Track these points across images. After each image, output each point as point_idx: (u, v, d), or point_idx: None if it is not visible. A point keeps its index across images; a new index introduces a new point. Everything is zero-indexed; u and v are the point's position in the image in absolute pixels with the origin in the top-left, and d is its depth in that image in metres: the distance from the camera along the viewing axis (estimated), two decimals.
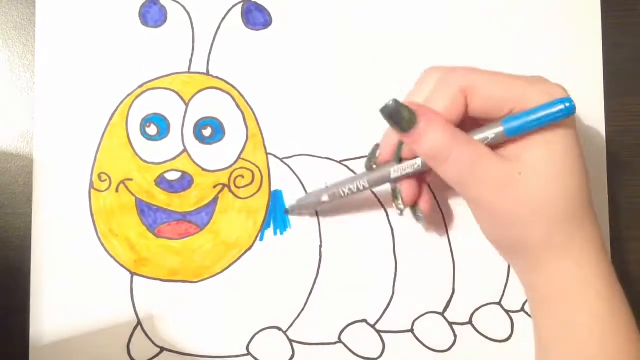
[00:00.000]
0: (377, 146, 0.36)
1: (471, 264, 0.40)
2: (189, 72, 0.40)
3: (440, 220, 0.40)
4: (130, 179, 0.39)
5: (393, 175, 0.35)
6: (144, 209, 0.39)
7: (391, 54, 0.41)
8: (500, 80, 0.32)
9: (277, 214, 0.40)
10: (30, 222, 0.39)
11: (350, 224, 0.40)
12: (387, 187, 0.39)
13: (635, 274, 0.41)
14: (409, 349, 0.40)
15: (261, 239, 0.40)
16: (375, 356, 0.40)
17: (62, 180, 0.39)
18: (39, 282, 0.39)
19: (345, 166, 0.40)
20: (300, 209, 0.39)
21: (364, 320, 0.40)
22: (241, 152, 0.40)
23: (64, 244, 0.39)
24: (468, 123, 0.33)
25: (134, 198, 0.39)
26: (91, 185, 0.39)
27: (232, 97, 0.40)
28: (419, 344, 0.40)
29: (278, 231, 0.40)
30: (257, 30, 0.41)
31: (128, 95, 0.40)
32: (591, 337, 0.32)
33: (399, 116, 0.32)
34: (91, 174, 0.39)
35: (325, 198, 0.37)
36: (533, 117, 0.31)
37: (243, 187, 0.40)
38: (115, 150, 0.40)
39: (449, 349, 0.40)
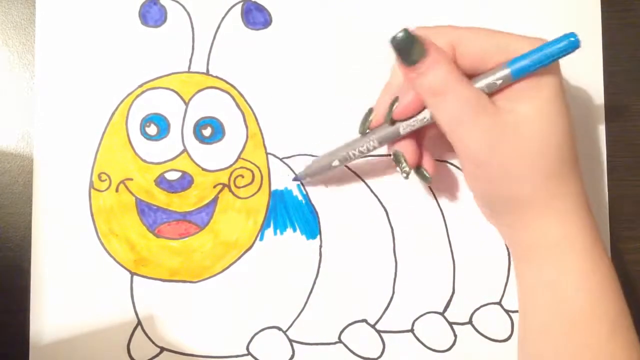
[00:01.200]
0: (370, 111, 0.36)
1: (471, 264, 0.40)
2: (188, 71, 0.40)
3: (441, 220, 0.40)
4: (130, 179, 0.39)
5: (403, 131, 0.35)
6: (144, 209, 0.39)
7: (391, 53, 0.41)
8: (487, 34, 0.33)
9: (277, 214, 0.40)
10: (30, 222, 0.39)
11: (351, 224, 0.40)
12: (386, 186, 0.39)
13: (635, 274, 0.41)
14: (409, 349, 0.40)
15: (261, 239, 0.40)
16: (375, 356, 0.40)
17: (62, 180, 0.39)
18: (39, 282, 0.39)
19: (345, 166, 0.40)
20: (310, 175, 0.39)
21: (364, 320, 0.40)
22: (241, 152, 0.40)
23: (64, 244, 0.39)
24: None
25: (134, 198, 0.39)
26: (91, 185, 0.39)
27: (232, 96, 0.40)
28: (419, 344, 0.40)
29: (278, 231, 0.40)
30: (257, 29, 0.41)
31: (128, 94, 0.40)
32: (574, 293, 0.32)
33: (409, 47, 0.32)
34: (91, 174, 0.39)
35: (335, 162, 0.37)
36: (541, 54, 0.31)
37: (243, 186, 0.40)
38: (115, 150, 0.40)
39: (449, 349, 0.40)
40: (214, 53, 0.40)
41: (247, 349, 0.39)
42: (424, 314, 0.40)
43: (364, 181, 0.40)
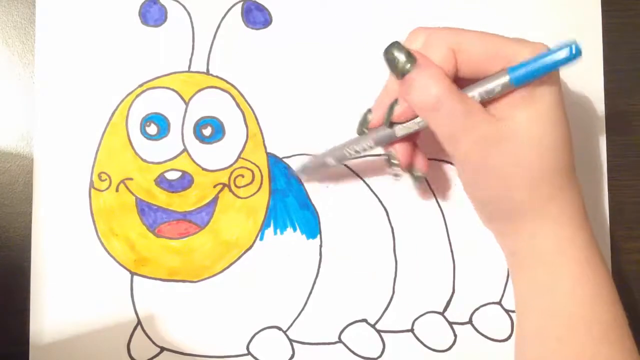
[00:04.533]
0: (368, 111, 0.36)
1: (471, 264, 0.40)
2: (189, 71, 0.40)
3: (441, 220, 0.40)
4: (131, 179, 0.39)
5: (399, 134, 0.35)
6: (144, 209, 0.39)
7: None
8: (488, 39, 0.32)
9: (277, 214, 0.40)
10: (30, 222, 0.39)
11: (351, 224, 0.40)
12: (386, 186, 0.39)
13: (635, 274, 0.41)
14: (409, 349, 0.40)
15: (261, 239, 0.40)
16: (375, 356, 0.40)
17: (62, 179, 0.39)
18: (39, 282, 0.39)
19: (345, 165, 0.40)
20: (306, 173, 0.39)
21: (364, 320, 0.40)
22: (241, 152, 0.40)
23: (64, 243, 0.39)
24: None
25: (134, 197, 0.39)
26: (91, 185, 0.39)
27: (232, 96, 0.40)
28: (419, 343, 0.40)
29: (278, 231, 0.40)
30: (257, 29, 0.41)
31: (128, 94, 0.40)
32: (568, 299, 0.32)
33: (399, 60, 0.32)
34: (91, 174, 0.39)
35: (331, 160, 0.37)
36: (542, 62, 0.31)
37: (243, 186, 0.40)
38: (115, 149, 0.40)
39: (449, 348, 0.40)
40: (214, 53, 0.40)
41: (247, 349, 0.39)
42: (424, 313, 0.40)
43: (364, 181, 0.40)
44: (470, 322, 0.40)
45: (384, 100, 0.35)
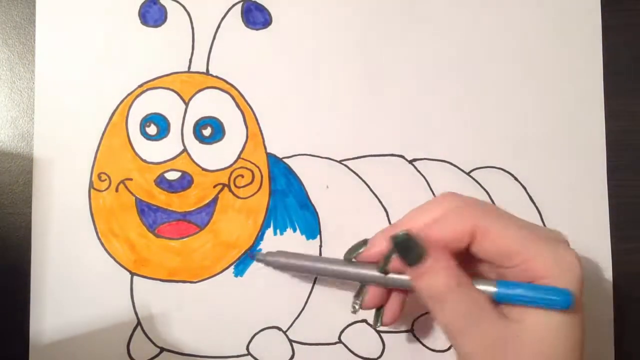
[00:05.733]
0: (363, 242, 0.35)
1: None
2: (188, 71, 0.40)
3: None
4: (130, 179, 0.39)
5: (388, 283, 0.34)
6: (144, 209, 0.39)
7: (391, 53, 0.41)
8: (513, 230, 0.31)
9: (277, 214, 0.40)
10: (30, 222, 0.39)
11: (351, 223, 0.40)
12: (386, 186, 0.39)
13: (635, 274, 0.41)
14: (409, 349, 0.40)
15: (261, 239, 0.40)
16: (375, 356, 0.40)
17: (62, 180, 0.39)
18: (39, 282, 0.39)
19: (345, 165, 0.40)
20: (269, 264, 0.37)
21: (364, 320, 0.40)
22: (241, 152, 0.40)
23: (64, 244, 0.39)
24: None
25: (133, 198, 0.39)
26: (91, 185, 0.39)
27: (232, 96, 0.40)
28: (419, 344, 0.40)
29: (278, 231, 0.40)
30: (257, 29, 0.41)
31: (128, 94, 0.40)
32: None
33: (409, 250, 0.31)
34: (91, 174, 0.39)
35: (304, 266, 0.36)
36: (526, 294, 0.30)
37: (243, 186, 0.40)
38: (115, 150, 0.40)
39: (449, 348, 0.40)
40: (214, 53, 0.40)
41: (247, 349, 0.39)
42: (424, 313, 0.40)
43: (364, 181, 0.40)
44: None
45: (384, 240, 0.33)
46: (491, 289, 0.31)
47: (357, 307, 0.35)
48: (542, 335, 0.30)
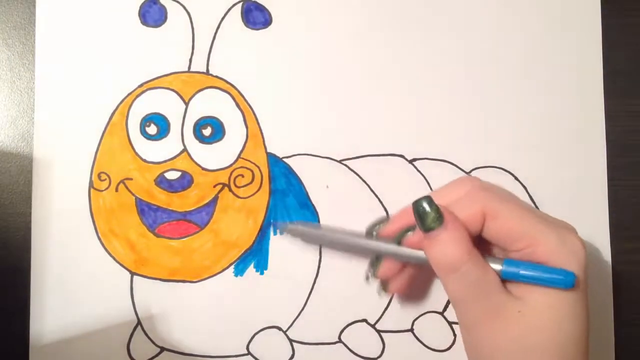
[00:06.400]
0: (385, 218, 0.37)
1: None
2: (188, 71, 0.40)
3: None
4: (130, 179, 0.39)
5: (403, 255, 0.34)
6: (144, 209, 0.39)
7: (391, 53, 0.41)
8: (521, 215, 0.32)
9: (277, 214, 0.40)
10: (30, 222, 0.39)
11: (351, 223, 0.40)
12: (386, 186, 0.39)
13: (635, 274, 0.41)
14: (409, 349, 0.40)
15: (261, 239, 0.40)
16: (375, 356, 0.40)
17: (61, 179, 0.39)
18: (39, 282, 0.39)
19: (345, 165, 0.40)
20: (293, 233, 0.38)
21: (364, 320, 0.40)
22: (241, 152, 0.40)
23: (64, 244, 0.39)
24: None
25: (133, 197, 0.39)
26: (91, 185, 0.39)
27: (232, 96, 0.40)
28: (419, 343, 0.40)
29: (278, 231, 0.40)
30: (257, 29, 0.41)
31: (128, 94, 0.40)
32: None
33: (427, 215, 0.32)
34: (91, 174, 0.39)
35: (324, 237, 0.37)
36: (530, 272, 0.31)
37: (243, 186, 0.40)
38: (115, 149, 0.40)
39: (449, 348, 0.40)
40: (214, 53, 0.40)
41: (247, 348, 0.39)
42: (424, 313, 0.40)
43: (364, 181, 0.40)
44: None
45: (403, 220, 0.35)
46: (498, 266, 0.32)
47: (370, 274, 0.37)
48: (543, 313, 0.31)
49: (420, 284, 0.40)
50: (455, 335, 0.40)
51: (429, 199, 0.32)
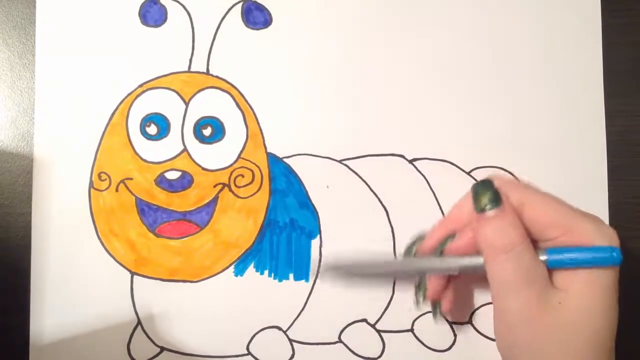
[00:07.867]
0: (420, 236, 0.37)
1: None
2: (189, 71, 0.40)
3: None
4: (130, 179, 0.39)
5: (447, 271, 0.35)
6: (144, 209, 0.39)
7: (391, 53, 0.41)
8: (554, 206, 0.33)
9: (277, 214, 0.40)
10: (30, 222, 0.39)
11: (351, 223, 0.40)
12: (386, 186, 0.39)
13: (635, 274, 0.41)
14: (409, 349, 0.40)
15: (261, 239, 0.40)
16: (375, 356, 0.40)
17: (62, 179, 0.39)
18: (39, 282, 0.39)
19: (346, 165, 0.40)
20: (336, 273, 0.38)
21: (364, 320, 0.40)
22: (241, 152, 0.40)
23: (64, 243, 0.39)
24: None
25: (134, 197, 0.39)
26: (91, 185, 0.39)
27: (232, 96, 0.40)
28: (419, 343, 0.40)
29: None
30: (257, 29, 0.41)
31: (128, 94, 0.40)
32: None
33: (485, 194, 0.33)
34: (91, 174, 0.39)
35: (363, 269, 0.37)
36: (576, 255, 0.31)
37: (243, 186, 0.40)
38: (115, 149, 0.40)
39: (449, 348, 0.40)
40: (214, 53, 0.40)
41: (247, 348, 0.39)
42: (424, 313, 0.40)
43: (364, 181, 0.40)
44: (470, 322, 0.40)
45: (440, 231, 0.35)
46: (543, 257, 0.32)
47: (421, 299, 0.37)
48: (583, 303, 0.31)
49: None
50: (455, 335, 0.40)
51: (488, 180, 0.33)
